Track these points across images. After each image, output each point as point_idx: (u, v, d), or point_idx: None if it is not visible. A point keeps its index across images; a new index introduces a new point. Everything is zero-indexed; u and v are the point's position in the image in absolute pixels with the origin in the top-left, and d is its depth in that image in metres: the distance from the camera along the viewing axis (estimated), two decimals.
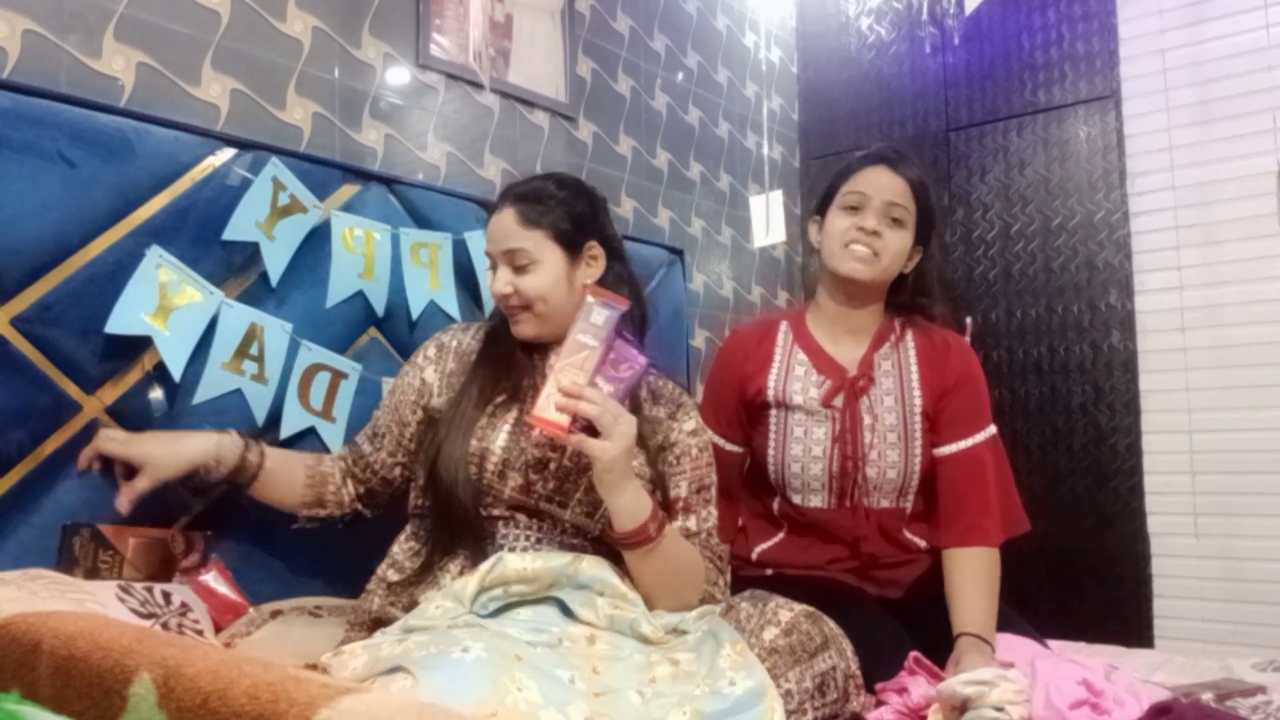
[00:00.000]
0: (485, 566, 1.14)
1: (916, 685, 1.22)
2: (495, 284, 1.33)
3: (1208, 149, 2.50)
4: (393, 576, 1.28)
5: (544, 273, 1.30)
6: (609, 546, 1.28)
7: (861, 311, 1.63)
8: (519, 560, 1.14)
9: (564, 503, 1.25)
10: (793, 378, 1.61)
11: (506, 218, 1.32)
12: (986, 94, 2.77)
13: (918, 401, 1.60)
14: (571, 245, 1.33)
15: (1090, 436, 2.54)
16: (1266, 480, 2.38)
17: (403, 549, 1.32)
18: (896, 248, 1.58)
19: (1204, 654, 1.96)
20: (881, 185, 1.58)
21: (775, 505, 1.64)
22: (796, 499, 1.60)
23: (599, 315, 1.19)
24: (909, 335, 1.65)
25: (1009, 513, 1.60)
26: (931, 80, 2.88)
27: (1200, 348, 2.49)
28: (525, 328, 1.33)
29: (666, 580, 1.23)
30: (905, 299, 1.66)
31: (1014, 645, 1.33)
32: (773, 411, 1.61)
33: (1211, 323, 2.48)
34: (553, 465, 1.25)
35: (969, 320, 2.72)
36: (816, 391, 1.59)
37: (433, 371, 1.38)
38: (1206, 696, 1.28)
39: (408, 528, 1.35)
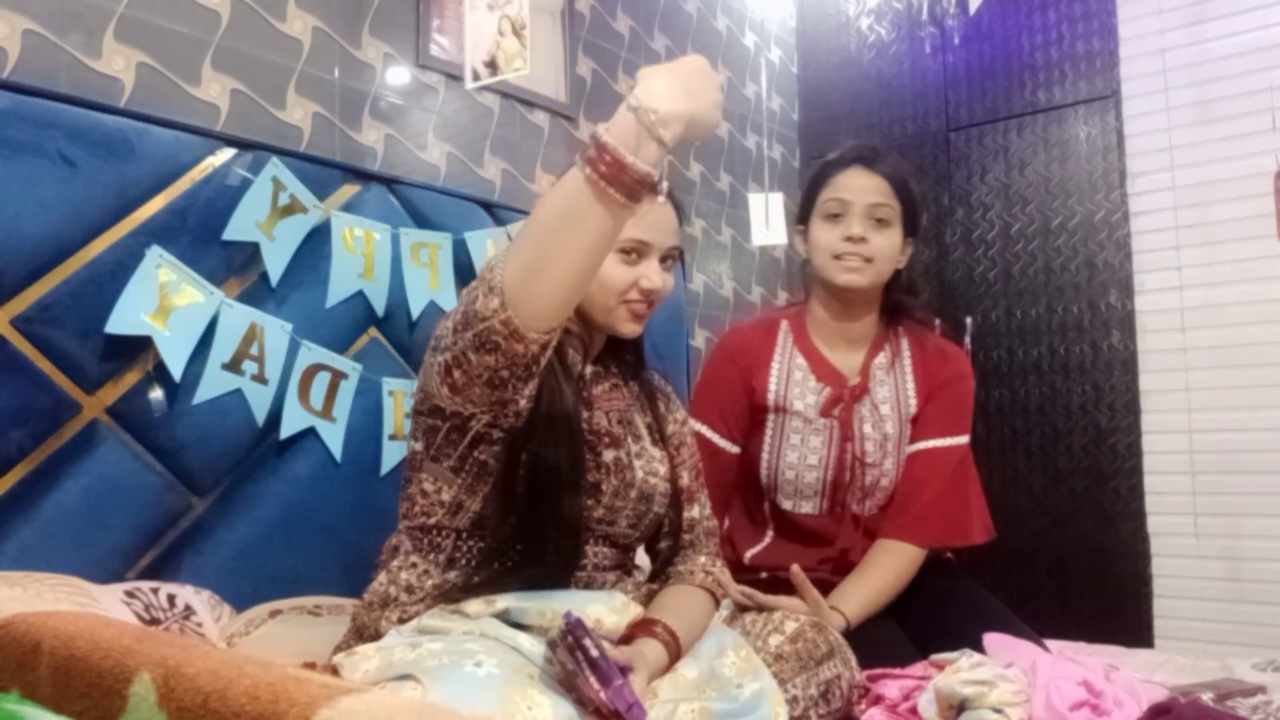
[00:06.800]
0: (502, 605, 1.06)
1: (889, 688, 1.22)
2: (653, 279, 1.22)
3: (1208, 149, 2.50)
4: (406, 599, 1.14)
5: None
6: (627, 552, 1.25)
7: (859, 323, 1.62)
8: (537, 608, 1.06)
9: (613, 520, 1.20)
10: (793, 382, 1.59)
11: (671, 214, 1.26)
12: (986, 94, 2.77)
13: (913, 408, 1.60)
14: None
15: (1090, 436, 2.54)
16: (1267, 480, 2.38)
17: (411, 569, 1.15)
18: (886, 249, 1.55)
19: (1204, 654, 1.96)
20: (861, 188, 1.55)
21: (765, 508, 1.64)
22: (787, 505, 1.60)
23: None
24: (904, 345, 1.64)
25: (952, 522, 1.56)
26: (931, 80, 2.88)
27: (1200, 348, 2.49)
28: (640, 326, 1.25)
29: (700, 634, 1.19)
30: (894, 299, 1.64)
31: (1013, 646, 1.33)
32: (770, 416, 1.59)
33: (1211, 323, 2.48)
34: (604, 487, 1.18)
35: (969, 320, 2.71)
36: (815, 399, 1.58)
37: None
38: (1206, 696, 1.28)
39: (405, 544, 1.17)
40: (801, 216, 1.64)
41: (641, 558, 1.36)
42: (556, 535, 1.11)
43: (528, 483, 1.10)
